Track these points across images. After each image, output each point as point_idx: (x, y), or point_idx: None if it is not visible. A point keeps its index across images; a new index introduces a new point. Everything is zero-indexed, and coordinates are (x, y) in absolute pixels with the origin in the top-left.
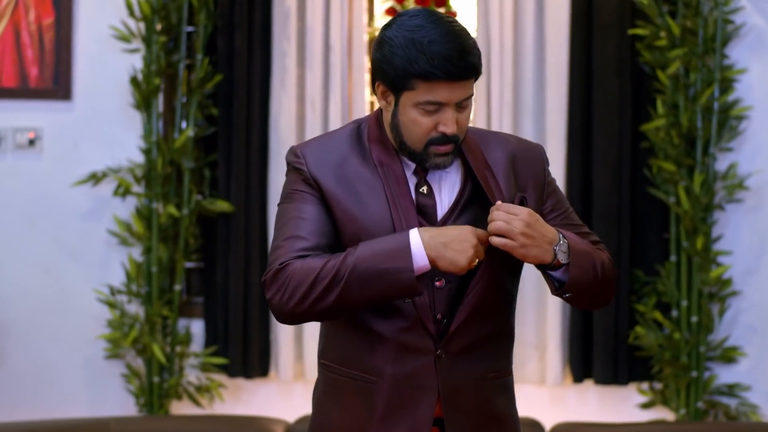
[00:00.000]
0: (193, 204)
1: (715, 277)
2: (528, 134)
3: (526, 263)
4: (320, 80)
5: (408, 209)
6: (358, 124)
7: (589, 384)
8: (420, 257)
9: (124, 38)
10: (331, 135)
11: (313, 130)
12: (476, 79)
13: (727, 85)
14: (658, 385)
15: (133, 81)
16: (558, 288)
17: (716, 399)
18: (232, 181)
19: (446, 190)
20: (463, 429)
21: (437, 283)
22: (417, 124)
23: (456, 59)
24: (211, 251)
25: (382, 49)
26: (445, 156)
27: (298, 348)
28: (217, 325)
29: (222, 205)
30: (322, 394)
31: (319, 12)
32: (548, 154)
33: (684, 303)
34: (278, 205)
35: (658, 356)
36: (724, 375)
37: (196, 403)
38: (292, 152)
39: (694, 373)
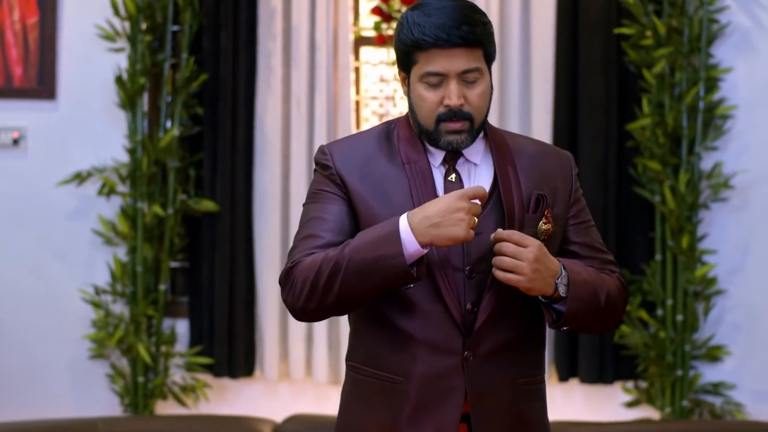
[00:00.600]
0: (178, 203)
1: (700, 276)
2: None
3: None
4: (306, 79)
5: None
6: (389, 124)
7: (574, 383)
8: (410, 243)
9: (108, 37)
10: (361, 134)
11: (298, 130)
12: (487, 56)
13: (712, 84)
14: (644, 384)
15: (118, 80)
16: (555, 320)
17: (701, 398)
18: (217, 180)
19: (479, 180)
20: (492, 431)
21: (467, 272)
22: (423, 99)
23: (448, 27)
24: (196, 251)
25: (396, 32)
26: (457, 134)
27: (283, 348)
28: (202, 324)
29: (207, 205)
30: (348, 396)
31: (304, 11)
32: None
33: (669, 302)
34: (303, 205)
35: (644, 355)
36: (709, 374)
37: (181, 403)
38: (321, 150)
39: (680, 372)
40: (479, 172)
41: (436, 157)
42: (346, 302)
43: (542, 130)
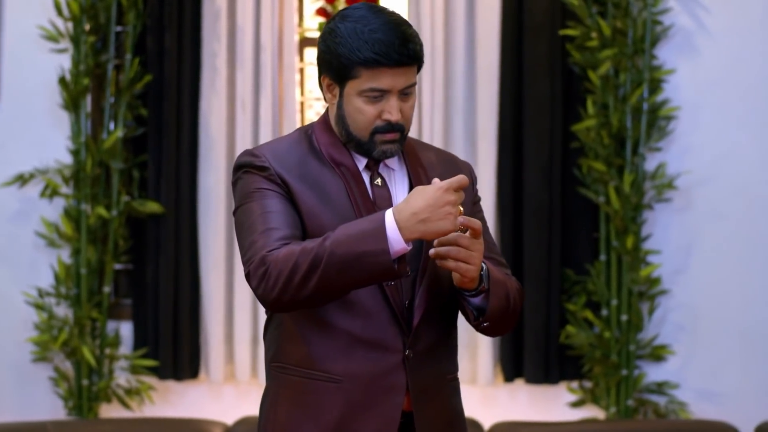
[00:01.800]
0: (122, 205)
1: (644, 276)
2: (459, 134)
3: None
4: (251, 80)
5: (367, 204)
6: (305, 130)
7: (520, 383)
8: (396, 240)
9: (52, 38)
10: (282, 139)
11: (243, 131)
12: (419, 69)
13: (655, 85)
14: (589, 384)
15: (62, 81)
16: (476, 317)
17: (646, 397)
18: (162, 182)
19: (399, 184)
20: (432, 427)
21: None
22: (362, 112)
23: (398, 46)
24: (140, 253)
25: (326, 41)
26: (391, 143)
27: (228, 349)
28: (146, 327)
29: (152, 206)
30: (279, 398)
31: (249, 12)
32: (479, 155)
33: (614, 302)
34: (236, 210)
35: (589, 355)
36: (654, 373)
37: (126, 405)
38: (250, 153)
39: (624, 372)
40: (397, 177)
41: (361, 161)
42: (321, 295)
43: (487, 131)
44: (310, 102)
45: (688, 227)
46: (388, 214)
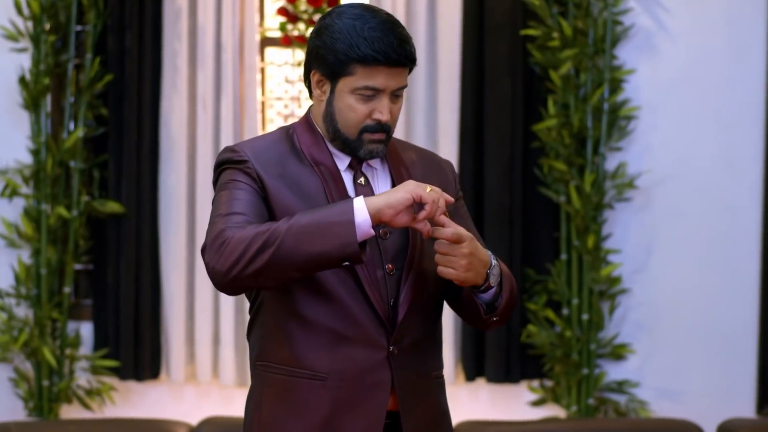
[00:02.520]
0: (82, 205)
1: (605, 276)
2: (420, 133)
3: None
4: (212, 80)
5: None
6: (287, 129)
7: (481, 382)
8: (361, 213)
9: (11, 37)
10: (262, 137)
11: (204, 131)
12: (410, 71)
13: (616, 85)
14: (550, 383)
15: (21, 81)
16: (486, 312)
17: (606, 396)
18: (122, 181)
19: (381, 183)
20: (419, 424)
21: (388, 268)
22: (353, 110)
23: (396, 46)
24: (101, 253)
25: (322, 36)
26: (378, 143)
27: (189, 350)
28: (107, 327)
29: (112, 206)
30: (264, 396)
31: (210, 11)
32: (440, 154)
33: (575, 301)
34: (213, 201)
35: (550, 354)
36: (614, 372)
37: (86, 406)
38: (230, 150)
39: (585, 371)
40: (380, 176)
41: (343, 161)
42: (274, 271)
43: (448, 130)
44: (271, 102)
45: (648, 226)
46: (359, 197)
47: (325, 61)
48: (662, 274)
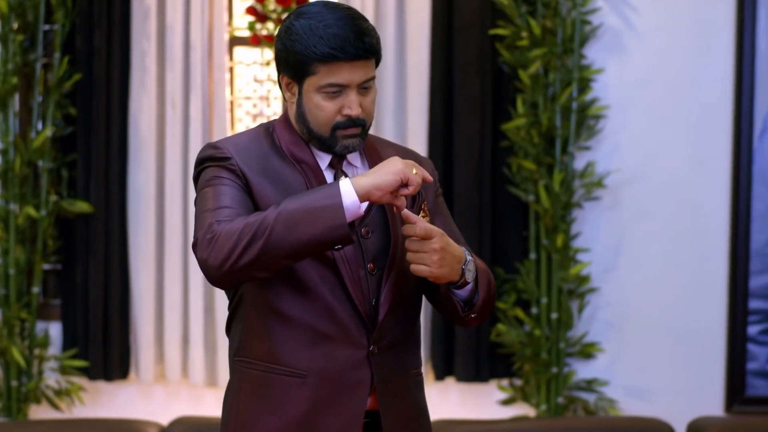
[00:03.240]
0: (51, 205)
1: (574, 274)
2: (389, 134)
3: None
4: (180, 79)
5: None
6: (266, 127)
7: (450, 381)
8: (348, 194)
9: None
10: (243, 134)
11: (173, 130)
12: (377, 63)
13: (584, 84)
14: (519, 382)
15: None
16: (464, 310)
17: (575, 394)
18: (91, 181)
19: None
20: (398, 422)
21: (370, 267)
22: (321, 108)
23: (353, 39)
24: (70, 253)
25: (282, 39)
26: (352, 138)
27: (159, 349)
28: (76, 327)
29: (81, 206)
30: (242, 392)
31: (179, 10)
32: None
33: (544, 300)
34: (195, 200)
35: (519, 353)
36: (583, 370)
37: (55, 406)
38: (212, 146)
39: (554, 369)
40: (361, 173)
41: (323, 159)
42: (267, 260)
43: (417, 130)
44: (240, 101)
45: (617, 225)
46: (345, 179)
47: (288, 64)
48: (631, 273)
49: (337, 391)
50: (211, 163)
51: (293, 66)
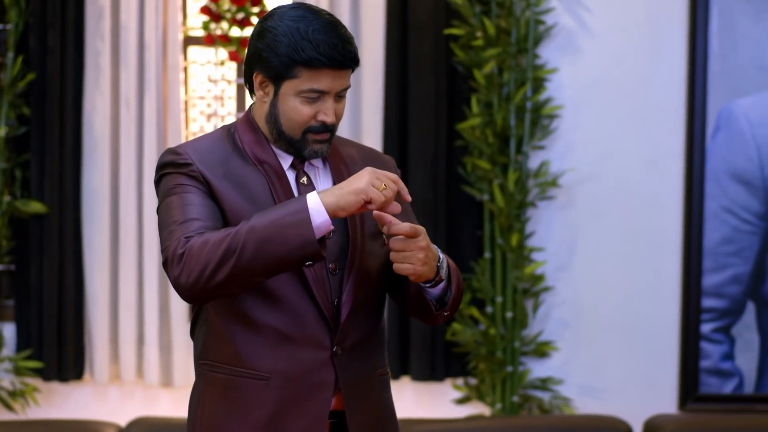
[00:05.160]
0: (4, 205)
1: (528, 274)
2: (344, 132)
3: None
4: (135, 79)
5: None
6: (228, 128)
7: (406, 380)
8: (317, 212)
9: None
10: (204, 137)
11: (128, 130)
12: (353, 71)
13: (538, 84)
14: (474, 381)
15: None
16: (437, 308)
17: (530, 393)
18: (45, 181)
19: (323, 181)
20: (365, 423)
21: (331, 267)
22: (297, 112)
23: (341, 48)
24: (23, 253)
25: (264, 38)
26: (322, 143)
27: (113, 350)
28: (30, 328)
29: (35, 206)
30: (207, 395)
31: (133, 10)
32: None
33: (499, 299)
34: (158, 208)
35: (475, 352)
36: (538, 369)
37: (9, 408)
38: (172, 152)
39: (509, 368)
40: (321, 174)
41: (285, 159)
42: (239, 279)
43: (372, 129)
44: (194, 101)
45: (571, 224)
46: (311, 193)
47: (269, 64)
48: (585, 272)
49: (301, 393)
50: (171, 169)
51: (274, 67)
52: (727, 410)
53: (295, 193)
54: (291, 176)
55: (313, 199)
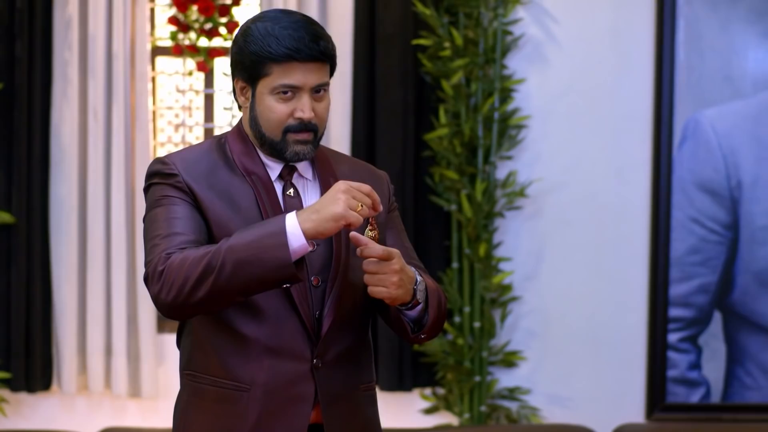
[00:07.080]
0: None
1: (496, 284)
2: None
3: None
4: (103, 89)
5: (278, 213)
6: (219, 139)
7: None
8: (295, 236)
9: None
10: (194, 147)
11: (95, 140)
12: (332, 71)
13: (506, 94)
14: (442, 391)
15: None
16: (414, 331)
17: (498, 403)
18: (12, 191)
19: (311, 195)
20: None
21: (314, 281)
22: (273, 111)
23: (308, 41)
24: None
25: (238, 42)
26: (303, 144)
27: (81, 360)
28: None
29: (2, 216)
30: (188, 405)
31: (101, 21)
32: None
33: (467, 309)
34: (144, 217)
35: (442, 362)
36: (506, 379)
37: None
38: (160, 162)
39: (477, 378)
40: (309, 187)
41: (274, 170)
42: (217, 297)
43: (340, 140)
44: (162, 111)
45: (538, 234)
46: (290, 215)
47: (243, 66)
48: (553, 282)
49: (280, 405)
50: (158, 179)
51: (248, 68)
52: (693, 419)
53: (281, 204)
54: (279, 187)
55: (291, 222)
